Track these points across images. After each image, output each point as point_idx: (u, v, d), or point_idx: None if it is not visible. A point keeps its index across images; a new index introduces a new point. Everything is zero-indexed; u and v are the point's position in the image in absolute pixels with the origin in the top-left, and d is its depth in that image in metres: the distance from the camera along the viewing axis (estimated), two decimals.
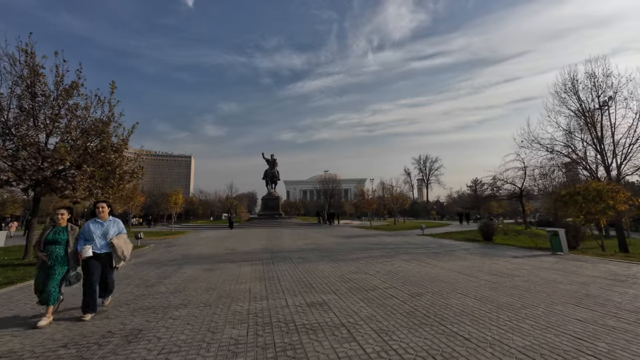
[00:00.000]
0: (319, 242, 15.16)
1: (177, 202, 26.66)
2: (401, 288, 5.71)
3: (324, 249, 12.19)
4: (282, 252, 11.60)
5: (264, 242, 15.54)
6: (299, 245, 14.07)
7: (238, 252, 11.88)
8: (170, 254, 11.66)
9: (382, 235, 19.22)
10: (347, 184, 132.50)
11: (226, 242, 16.33)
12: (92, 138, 11.21)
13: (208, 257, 10.63)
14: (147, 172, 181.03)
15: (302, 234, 21.06)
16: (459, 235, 18.20)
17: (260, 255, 10.82)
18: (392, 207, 37.93)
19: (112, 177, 11.17)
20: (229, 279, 6.86)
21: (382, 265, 8.31)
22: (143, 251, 12.67)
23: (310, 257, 9.97)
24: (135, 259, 10.45)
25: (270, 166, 46.41)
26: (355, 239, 17.10)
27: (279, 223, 35.79)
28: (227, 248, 13.28)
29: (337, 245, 13.86)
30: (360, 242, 15.18)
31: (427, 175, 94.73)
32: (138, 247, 14.13)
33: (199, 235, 22.50)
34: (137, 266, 8.84)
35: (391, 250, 11.65)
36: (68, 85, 11.06)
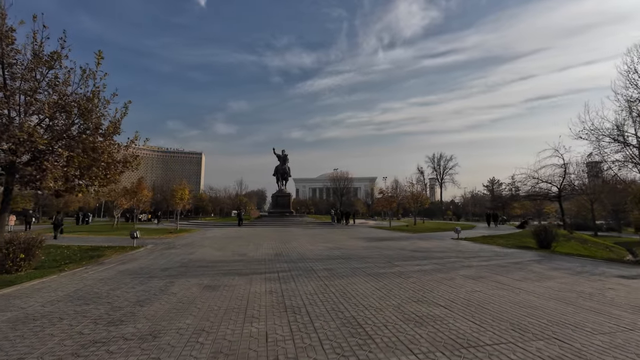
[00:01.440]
0: (343, 247, 12.89)
1: (183, 197, 24.88)
2: (520, 343, 3.38)
3: (352, 257, 9.91)
4: (302, 260, 9.38)
5: (278, 245, 13.39)
6: (320, 250, 11.84)
7: (248, 258, 9.74)
8: (165, 258, 9.62)
9: (412, 239, 16.78)
10: (357, 183, 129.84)
11: (234, 243, 14.27)
12: (74, 118, 9.26)
13: (210, 265, 8.51)
14: (158, 169, 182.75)
15: (319, 235, 18.85)
16: (503, 240, 15.61)
17: (276, 264, 8.63)
18: (412, 206, 35.31)
19: (96, 166, 9.17)
20: (234, 308, 4.66)
21: (446, 287, 5.97)
22: (134, 254, 10.69)
23: (341, 270, 7.71)
24: (120, 265, 8.44)
25: (281, 162, 44.39)
26: (384, 242, 14.75)
27: (291, 221, 33.71)
28: (235, 252, 11.17)
29: (366, 250, 11.55)
30: (392, 247, 12.82)
31: (441, 174, 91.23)
32: (133, 248, 12.19)
33: (205, 234, 20.60)
34: (118, 278, 6.79)
35: (439, 260, 9.27)
36: (48, 55, 9.15)
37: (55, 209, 62.05)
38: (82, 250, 11.68)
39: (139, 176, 29.92)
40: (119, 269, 7.95)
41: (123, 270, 7.77)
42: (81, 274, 7.29)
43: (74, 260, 9.35)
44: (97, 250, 11.44)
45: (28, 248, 7.69)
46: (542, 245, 12.77)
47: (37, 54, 8.97)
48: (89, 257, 9.84)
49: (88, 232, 21.44)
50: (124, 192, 28.59)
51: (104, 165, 9.48)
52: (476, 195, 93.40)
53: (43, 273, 7.36)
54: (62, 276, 7.09)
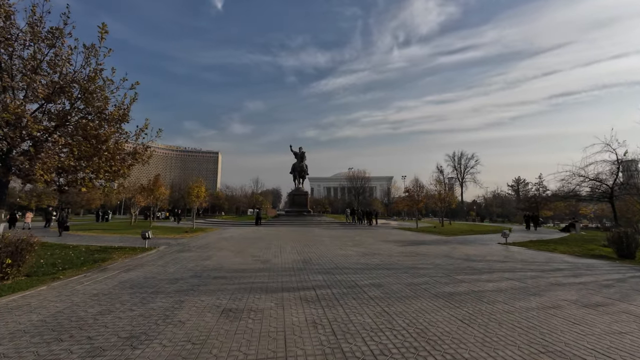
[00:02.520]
0: (377, 252, 11.13)
1: (200, 195, 23.85)
2: None
3: (397, 266, 8.16)
4: (339, 270, 7.72)
5: (303, 249, 11.81)
6: (353, 255, 10.15)
7: (272, 266, 8.19)
8: (177, 265, 8.22)
9: (451, 243, 14.75)
10: (372, 182, 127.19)
11: (254, 246, 12.82)
12: (74, 101, 8.03)
13: (229, 275, 7.01)
14: (176, 168, 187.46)
15: (344, 237, 17.16)
16: (563, 247, 13.32)
17: (308, 275, 7.01)
18: (438, 207, 32.92)
19: (98, 155, 7.89)
20: (267, 358, 3.06)
21: (561, 321, 4.14)
22: (143, 258, 9.39)
23: (394, 287, 5.99)
24: (124, 273, 7.09)
25: (299, 160, 42.98)
26: (421, 247, 12.85)
27: (309, 221, 32.19)
28: (257, 257, 9.67)
29: (408, 258, 9.75)
30: (434, 253, 10.92)
31: (462, 173, 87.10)
32: (143, 250, 10.96)
33: (221, 234, 19.37)
34: (116, 293, 5.38)
35: (510, 273, 7.35)
36: (47, 30, 7.96)
37: (79, 205, 63.66)
38: (89, 251, 10.55)
39: (155, 173, 29.27)
40: (121, 278, 6.59)
41: (125, 280, 6.38)
42: (75, 285, 5.95)
43: (75, 264, 8.13)
44: (105, 252, 10.26)
45: (16, 252, 6.46)
46: (622, 254, 10.50)
47: (33, 29, 7.78)
48: (93, 261, 8.61)
49: (103, 230, 20.75)
50: (141, 189, 28.02)
51: (108, 155, 8.19)
52: (498, 196, 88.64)
53: (31, 283, 6.09)
54: (52, 288, 5.78)
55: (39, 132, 7.33)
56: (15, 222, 23.55)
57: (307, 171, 43.50)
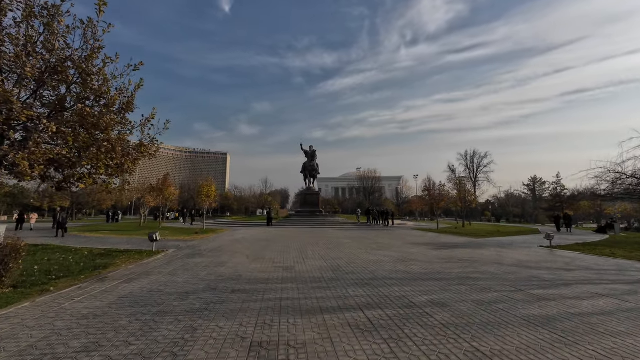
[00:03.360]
0: (412, 257, 9.79)
1: (210, 194, 22.88)
2: None
3: (448, 277, 6.81)
4: (379, 281, 6.43)
5: (326, 252, 10.55)
6: (387, 262, 8.84)
7: (298, 275, 6.95)
8: (187, 273, 7.06)
9: (487, 246, 13.25)
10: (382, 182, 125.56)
11: (271, 249, 11.62)
12: (70, 84, 6.98)
13: (250, 288, 5.79)
14: (185, 169, 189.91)
15: (365, 239, 15.82)
16: (622, 250, 11.70)
17: (346, 289, 5.72)
18: (458, 207, 31.21)
19: (96, 146, 6.80)
20: None
21: None
22: (150, 264, 8.27)
23: (464, 309, 4.67)
24: (125, 284, 5.95)
25: (309, 159, 41.81)
26: (457, 251, 11.41)
27: (323, 222, 30.94)
28: (277, 264, 8.45)
29: (453, 265, 8.37)
30: (479, 258, 9.51)
31: (475, 173, 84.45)
32: (150, 254, 9.89)
33: (234, 234, 18.29)
34: (111, 315, 4.22)
35: (594, 286, 5.92)
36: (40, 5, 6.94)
37: (90, 206, 63.99)
38: (91, 255, 9.54)
39: (164, 173, 28.53)
40: (121, 291, 5.45)
41: (126, 294, 5.24)
42: (64, 302, 4.83)
43: (72, 272, 7.07)
44: (108, 257, 9.22)
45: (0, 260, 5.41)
46: None
47: (27, 3, 6.75)
48: (93, 268, 7.55)
49: (111, 232, 19.94)
50: (150, 189, 27.28)
51: (108, 146, 7.10)
52: (512, 195, 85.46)
53: (14, 297, 5.00)
54: (35, 305, 4.66)
55: (29, 118, 6.28)
56: (24, 222, 23.03)
57: (318, 170, 42.30)
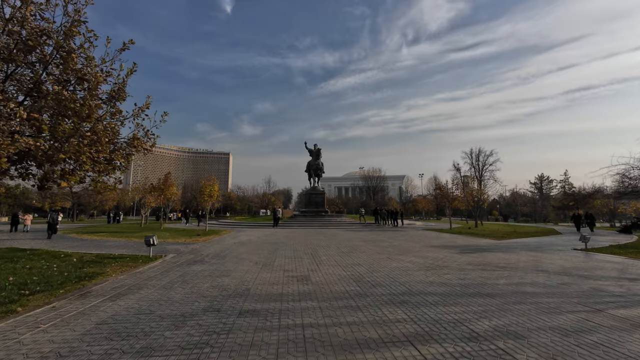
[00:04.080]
0: (444, 265, 8.65)
1: (212, 194, 21.84)
2: None
3: (499, 294, 5.67)
4: (415, 296, 5.32)
5: (342, 259, 9.44)
6: (414, 270, 7.71)
7: (317, 289, 5.84)
8: (186, 286, 5.98)
9: (516, 249, 12.05)
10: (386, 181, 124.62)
11: (280, 253, 10.54)
12: (47, 63, 5.93)
13: (262, 309, 4.69)
14: (188, 169, 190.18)
15: (380, 241, 14.69)
16: None
17: (380, 309, 4.59)
18: (470, 206, 29.93)
19: (77, 136, 5.73)
20: None
21: None
22: (144, 273, 7.20)
23: (554, 345, 3.53)
24: (110, 302, 4.88)
25: (314, 157, 40.66)
26: (489, 255, 10.25)
27: (329, 222, 29.83)
28: (290, 273, 7.35)
29: (495, 275, 7.22)
30: (517, 264, 8.35)
31: (481, 171, 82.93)
32: (146, 260, 8.84)
33: (238, 236, 17.23)
34: (78, 353, 3.14)
35: None
36: None
37: (92, 207, 63.29)
38: (80, 262, 8.52)
39: (166, 172, 27.55)
40: (101, 314, 4.37)
41: (106, 319, 4.17)
42: (24, 331, 3.77)
43: (53, 284, 6.02)
44: (98, 264, 8.18)
45: None
46: None
47: None
48: (77, 279, 6.50)
49: (110, 233, 18.96)
50: (151, 188, 26.30)
51: (92, 137, 6.04)
52: (517, 194, 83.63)
53: None
54: None
55: None
56: (18, 224, 22.15)
57: (323, 169, 41.17)
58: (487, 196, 32.33)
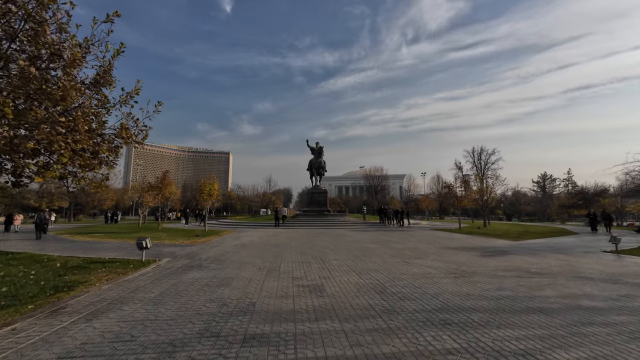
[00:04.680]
0: (470, 270, 7.73)
1: (212, 193, 20.93)
2: None
3: (553, 309, 4.74)
4: (454, 312, 4.40)
5: (357, 263, 8.52)
6: (438, 276, 6.79)
7: (335, 304, 4.92)
8: (179, 299, 5.06)
9: (539, 250, 11.12)
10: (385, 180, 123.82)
11: (285, 257, 9.63)
12: (15, 35, 5.01)
13: (271, 334, 3.77)
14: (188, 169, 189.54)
15: (391, 242, 13.77)
16: None
17: (421, 333, 3.66)
18: (479, 204, 29.03)
19: (49, 122, 4.81)
20: None
21: None
22: (132, 282, 6.27)
23: None
24: (84, 325, 3.96)
25: (316, 155, 39.74)
26: (515, 258, 9.32)
27: (333, 222, 28.92)
28: (300, 281, 6.43)
29: (536, 283, 6.30)
30: (553, 270, 7.42)
31: (483, 170, 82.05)
32: (138, 266, 7.92)
33: (239, 237, 16.32)
34: None
35: None
36: None
37: (90, 206, 62.32)
38: (64, 267, 7.61)
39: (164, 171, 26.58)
40: (67, 343, 3.46)
41: (73, 348, 3.25)
42: None
43: (23, 297, 5.11)
44: (83, 271, 7.27)
45: None
46: None
47: None
48: (54, 290, 5.58)
49: (105, 234, 18.05)
50: (148, 187, 25.41)
51: (69, 124, 5.11)
52: (519, 193, 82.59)
53: None
54: None
55: None
56: (11, 224, 21.24)
57: (325, 168, 40.29)
58: (495, 195, 31.44)
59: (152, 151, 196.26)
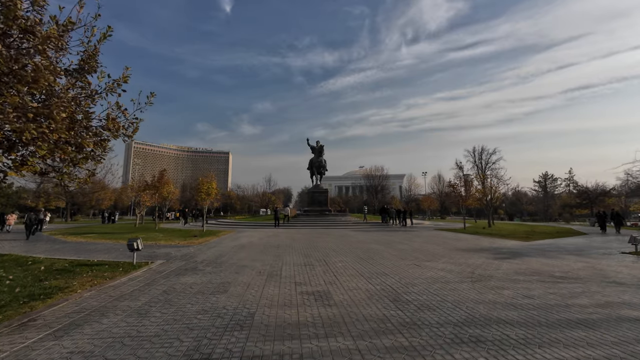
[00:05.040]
0: (487, 274, 7.13)
1: (210, 192, 20.32)
2: None
3: (604, 321, 4.16)
4: (489, 331, 3.80)
5: (364, 267, 7.93)
6: (455, 282, 6.20)
7: (345, 314, 4.31)
8: (168, 309, 4.46)
9: (560, 253, 10.52)
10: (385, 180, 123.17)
11: (286, 259, 9.03)
12: None
13: (272, 355, 3.17)
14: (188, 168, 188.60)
15: (395, 243, 13.18)
16: None
17: (453, 357, 3.10)
18: (484, 204, 28.45)
19: (20, 111, 4.21)
20: None
21: None
22: (119, 288, 5.67)
23: None
24: (52, 342, 3.36)
25: (316, 154, 39.13)
26: (533, 261, 8.72)
27: (334, 222, 28.33)
28: (303, 287, 5.83)
29: (575, 296, 5.69)
30: (584, 274, 6.82)
31: (483, 170, 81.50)
32: (127, 269, 7.32)
33: (238, 238, 15.72)
34: None
35: None
36: None
37: (88, 206, 61.64)
38: (46, 272, 7.01)
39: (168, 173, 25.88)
40: None
41: None
42: None
43: None
44: (67, 275, 6.67)
45: None
46: None
47: None
48: (29, 298, 4.99)
49: (99, 235, 17.45)
50: (145, 186, 24.80)
51: (42, 111, 4.51)
52: (519, 192, 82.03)
53: None
54: None
55: None
56: (4, 224, 20.64)
57: (325, 167, 39.71)
58: (499, 194, 30.91)
59: (152, 151, 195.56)
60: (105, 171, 45.66)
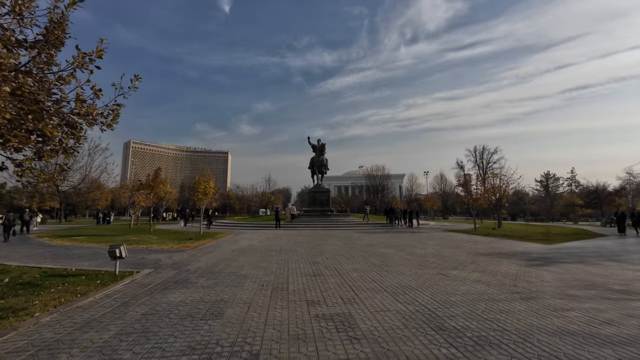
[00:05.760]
0: (528, 287, 6.03)
1: (208, 191, 19.18)
2: None
3: None
4: None
5: (380, 275, 6.81)
6: (500, 299, 5.10)
7: (380, 354, 3.21)
8: (142, 348, 3.33)
9: (596, 257, 9.42)
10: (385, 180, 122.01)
11: (292, 267, 7.91)
12: None
13: None
14: (186, 168, 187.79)
15: (408, 246, 12.08)
16: None
17: None
18: (492, 203, 27.39)
19: None
20: None
21: None
22: (87, 311, 4.52)
23: None
24: None
25: (318, 153, 38.08)
26: (570, 267, 7.61)
27: (337, 222, 27.21)
28: (317, 307, 4.71)
29: None
30: (631, 286, 5.77)
31: (485, 169, 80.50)
32: (106, 282, 6.19)
33: (237, 241, 14.59)
34: None
35: None
36: None
37: (84, 206, 60.32)
38: (9, 285, 5.89)
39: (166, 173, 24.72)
40: None
41: None
42: None
43: None
44: (31, 290, 5.54)
45: None
46: None
47: None
48: None
49: (89, 237, 16.28)
50: (139, 186, 23.63)
51: None
52: (519, 192, 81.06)
53: None
54: None
55: None
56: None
57: (327, 166, 38.67)
58: (508, 193, 29.89)
59: (150, 150, 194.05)
60: (101, 170, 44.32)
